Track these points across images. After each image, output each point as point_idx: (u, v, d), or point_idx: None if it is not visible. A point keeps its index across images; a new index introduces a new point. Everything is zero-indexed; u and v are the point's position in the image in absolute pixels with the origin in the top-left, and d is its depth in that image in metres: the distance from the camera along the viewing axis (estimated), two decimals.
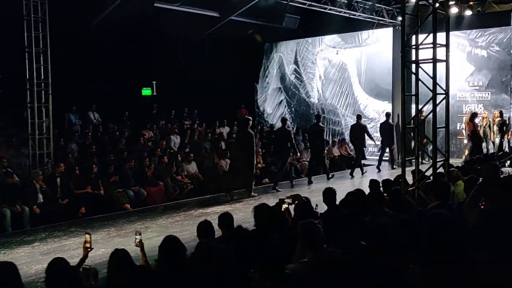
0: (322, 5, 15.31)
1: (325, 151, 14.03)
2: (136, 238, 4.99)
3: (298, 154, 14.29)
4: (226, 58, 17.91)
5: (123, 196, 10.90)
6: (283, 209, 5.62)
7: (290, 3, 14.98)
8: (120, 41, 15.02)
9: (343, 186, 11.44)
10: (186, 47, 16.74)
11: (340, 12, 15.89)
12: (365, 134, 14.64)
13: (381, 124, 15.54)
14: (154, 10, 14.59)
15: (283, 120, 13.18)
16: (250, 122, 11.60)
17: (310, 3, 15.05)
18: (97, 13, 14.74)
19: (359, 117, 14.95)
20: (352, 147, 16.00)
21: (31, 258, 7.40)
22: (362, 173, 14.10)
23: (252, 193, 11.47)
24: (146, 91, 17.55)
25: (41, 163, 11.21)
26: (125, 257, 4.11)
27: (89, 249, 4.90)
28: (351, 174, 14.12)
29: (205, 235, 4.78)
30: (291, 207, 5.75)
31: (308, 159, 14.94)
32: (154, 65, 16.48)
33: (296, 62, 19.52)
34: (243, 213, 9.40)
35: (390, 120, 15.17)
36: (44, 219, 9.63)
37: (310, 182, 13.09)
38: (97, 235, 8.38)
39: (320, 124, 13.83)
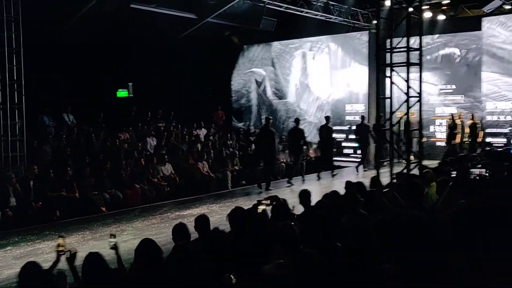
0: (299, 8, 15.42)
1: (304, 153, 14.22)
2: (111, 241, 4.92)
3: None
4: (203, 60, 17.87)
5: (98, 198, 10.77)
6: (260, 211, 5.63)
7: (267, 5, 15.05)
8: (96, 42, 14.84)
9: (319, 187, 11.53)
10: (162, 49, 16.62)
11: (317, 15, 16.03)
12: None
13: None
14: (130, 11, 14.45)
15: (296, 120, 14.09)
16: (271, 121, 12.92)
17: (286, 6, 15.15)
18: (72, 14, 14.54)
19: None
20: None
21: (4, 263, 7.27)
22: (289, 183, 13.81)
23: (271, 188, 12.19)
24: (122, 93, 17.40)
25: (14, 165, 10.99)
26: (99, 261, 4.06)
27: (62, 253, 4.83)
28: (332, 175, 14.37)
29: (181, 237, 4.75)
30: (268, 209, 5.76)
31: (285, 161, 15.07)
32: (130, 66, 16.33)
33: (273, 65, 19.60)
34: (219, 216, 9.37)
35: (366, 122, 15.37)
36: (17, 223, 9.44)
37: (290, 183, 13.20)
38: (71, 238, 8.27)
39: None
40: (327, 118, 15.09)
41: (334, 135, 15.69)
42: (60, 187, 10.49)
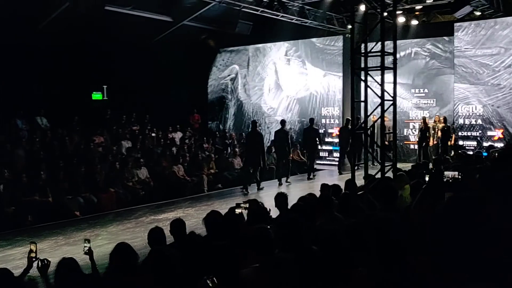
0: (274, 12, 15.51)
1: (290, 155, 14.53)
2: (85, 246, 4.86)
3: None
4: (178, 63, 17.80)
5: (72, 203, 10.62)
6: (237, 213, 5.62)
7: (243, 9, 15.08)
8: (70, 44, 14.64)
9: (295, 190, 11.58)
10: (138, 51, 16.49)
11: (292, 19, 16.14)
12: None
13: (340, 129, 15.91)
14: (104, 13, 14.30)
15: (311, 120, 14.81)
16: (258, 124, 13.45)
17: (262, 9, 15.21)
18: (45, 15, 14.31)
19: (311, 120, 15.23)
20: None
21: None
22: (309, 178, 14.40)
23: (261, 187, 12.75)
24: (97, 95, 17.19)
25: None
26: (73, 266, 4.01)
27: (34, 259, 4.74)
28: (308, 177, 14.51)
29: (157, 242, 4.73)
30: (245, 212, 5.77)
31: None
32: (105, 69, 16.16)
33: (247, 66, 19.66)
34: (195, 219, 9.34)
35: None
36: None
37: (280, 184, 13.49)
38: (44, 243, 8.14)
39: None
40: (311, 120, 15.33)
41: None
42: (33, 191, 10.31)
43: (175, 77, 17.88)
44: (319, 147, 15.18)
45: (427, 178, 5.10)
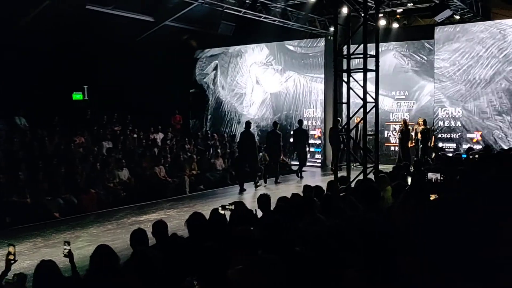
0: (257, 13, 15.53)
1: (281, 156, 14.89)
2: (65, 249, 4.79)
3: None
4: (160, 63, 17.70)
5: (52, 204, 10.45)
6: (220, 214, 5.60)
7: (226, 10, 15.06)
8: (50, 43, 14.41)
9: (277, 192, 11.59)
10: (119, 51, 16.34)
11: (275, 20, 16.18)
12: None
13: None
14: (86, 12, 14.14)
15: (300, 121, 15.26)
16: (251, 125, 13.91)
17: (245, 10, 15.22)
18: (24, 13, 14.09)
19: (300, 122, 15.34)
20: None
21: None
22: (300, 177, 14.76)
23: (259, 184, 13.21)
24: (77, 96, 16.98)
25: None
26: (52, 269, 3.95)
27: (12, 262, 4.66)
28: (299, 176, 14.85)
29: (139, 243, 4.68)
30: (227, 213, 5.75)
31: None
32: (86, 69, 15.98)
33: (227, 69, 19.64)
34: (177, 221, 9.30)
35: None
36: None
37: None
38: (22, 246, 8.00)
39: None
40: (300, 121, 15.52)
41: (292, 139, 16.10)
42: (11, 192, 10.12)
43: (156, 78, 17.77)
44: (307, 149, 15.44)
45: (409, 180, 5.15)
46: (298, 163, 15.36)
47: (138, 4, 15.72)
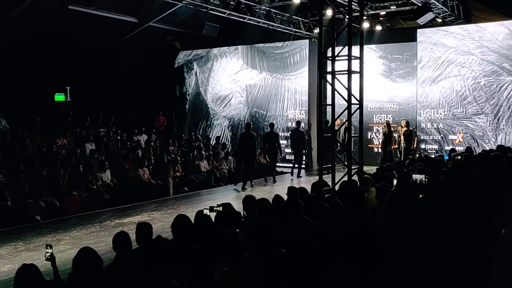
0: (242, 15, 15.52)
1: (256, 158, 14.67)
2: (46, 252, 4.71)
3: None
4: (144, 65, 17.58)
5: (33, 207, 10.30)
6: (205, 216, 5.56)
7: (210, 11, 15.03)
8: (32, 43, 14.24)
9: (261, 193, 11.58)
10: (103, 52, 16.19)
11: (259, 22, 16.20)
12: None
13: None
14: (68, 12, 13.98)
15: (271, 125, 15.17)
16: (252, 126, 14.21)
17: (229, 12, 15.20)
18: (5, 13, 13.89)
19: (271, 125, 15.25)
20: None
21: None
22: (273, 181, 14.44)
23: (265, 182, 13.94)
24: (59, 97, 16.78)
25: None
26: (33, 273, 3.88)
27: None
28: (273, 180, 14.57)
29: (122, 246, 4.63)
30: (213, 215, 5.71)
31: (227, 167, 15.16)
32: (69, 69, 15.80)
33: (213, 71, 19.59)
34: (161, 223, 9.24)
35: (301, 128, 15.70)
36: None
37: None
38: (2, 250, 7.87)
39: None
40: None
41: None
42: None
43: (140, 79, 17.65)
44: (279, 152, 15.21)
45: (395, 182, 5.18)
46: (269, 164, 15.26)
47: (122, 5, 15.60)
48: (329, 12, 11.36)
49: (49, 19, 13.70)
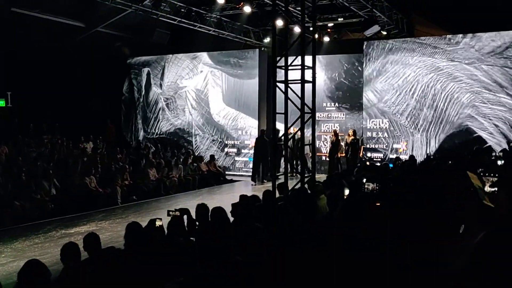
0: (192, 22, 15.47)
1: None
2: None
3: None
4: (91, 71, 17.16)
5: None
6: (157, 226, 5.45)
7: (160, 18, 14.88)
8: None
9: (212, 201, 11.52)
10: (48, 57, 15.66)
11: (209, 30, 16.19)
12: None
13: (256, 139, 16.10)
14: (11, 15, 13.47)
15: (262, 131, 15.63)
16: (265, 132, 15.46)
17: (180, 19, 15.11)
18: None
19: (262, 132, 15.62)
20: None
21: None
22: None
23: (265, 180, 14.95)
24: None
25: None
26: None
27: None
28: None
29: (71, 258, 4.47)
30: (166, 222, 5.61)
31: (177, 176, 15.02)
32: (10, 74, 15.18)
33: (163, 78, 19.39)
34: (110, 233, 9.00)
35: (265, 136, 15.81)
36: None
37: None
38: None
39: (265, 137, 15.03)
40: (262, 131, 15.62)
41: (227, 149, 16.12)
42: None
43: (87, 85, 17.20)
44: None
45: (346, 190, 5.28)
46: None
47: (68, 9, 15.18)
48: (279, 22, 11.51)
49: None
